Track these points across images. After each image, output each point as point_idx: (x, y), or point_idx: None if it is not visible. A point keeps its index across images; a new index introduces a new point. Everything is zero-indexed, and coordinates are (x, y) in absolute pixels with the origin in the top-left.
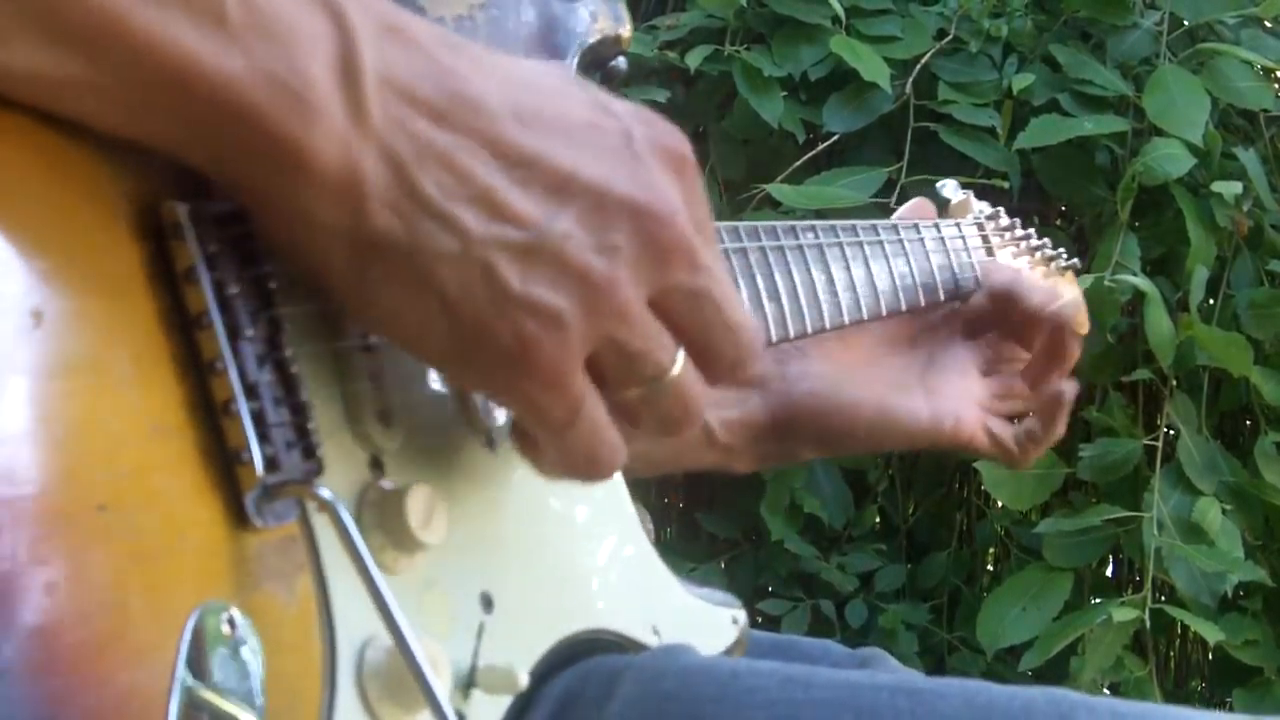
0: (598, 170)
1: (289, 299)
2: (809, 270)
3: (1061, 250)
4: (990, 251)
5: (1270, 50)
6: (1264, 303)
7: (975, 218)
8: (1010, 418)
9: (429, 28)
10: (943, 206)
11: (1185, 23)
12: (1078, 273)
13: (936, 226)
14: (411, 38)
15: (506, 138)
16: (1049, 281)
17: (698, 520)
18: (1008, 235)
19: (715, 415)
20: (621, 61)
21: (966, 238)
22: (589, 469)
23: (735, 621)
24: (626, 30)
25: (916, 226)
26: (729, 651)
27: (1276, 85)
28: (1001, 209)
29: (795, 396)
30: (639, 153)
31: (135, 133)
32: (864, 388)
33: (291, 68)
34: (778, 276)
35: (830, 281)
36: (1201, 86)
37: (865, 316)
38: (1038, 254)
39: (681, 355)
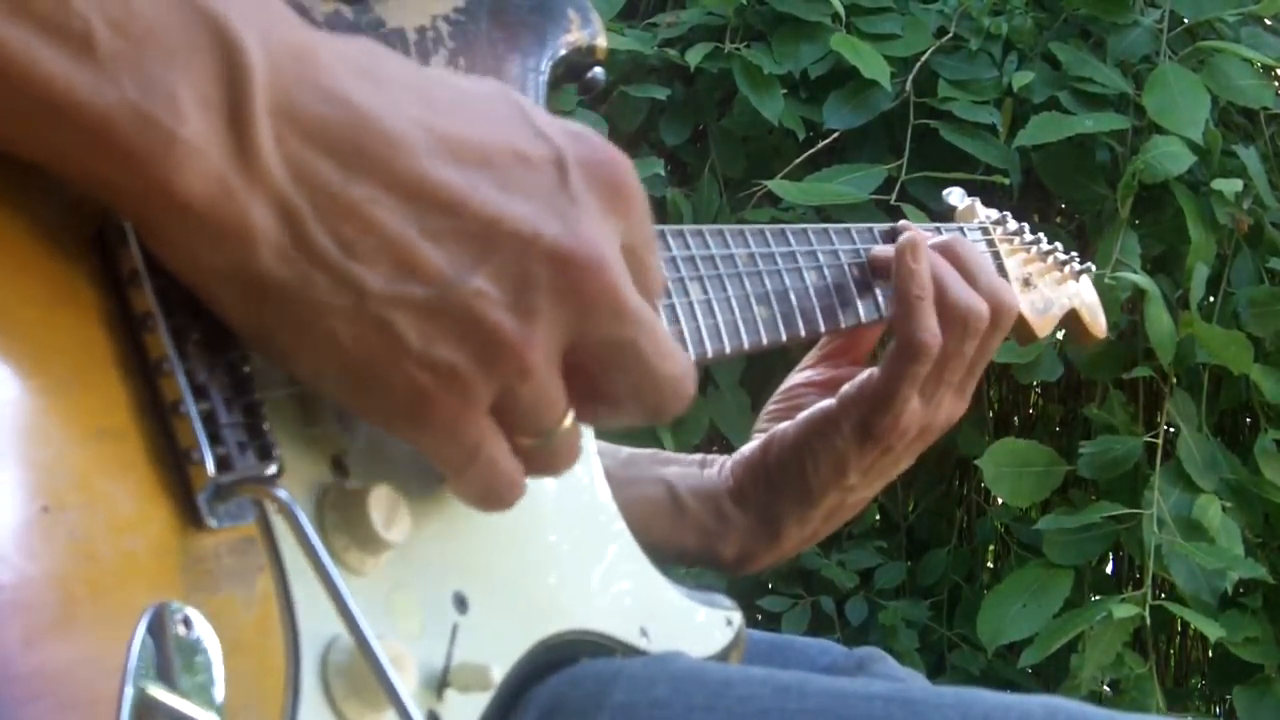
0: (524, 215)
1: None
2: (802, 275)
3: (1074, 254)
4: (997, 257)
5: (1270, 48)
6: (1264, 300)
7: (981, 223)
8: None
9: (343, 52)
10: (948, 214)
11: (1185, 21)
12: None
13: (939, 232)
14: (322, 67)
15: (427, 179)
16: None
17: None
18: (1016, 240)
19: (683, 480)
20: (599, 72)
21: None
22: (486, 503)
23: (730, 624)
24: (602, 40)
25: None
26: (726, 653)
27: (1276, 83)
28: (1008, 214)
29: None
30: (572, 188)
31: (17, 154)
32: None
33: (163, 103)
34: (767, 280)
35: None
36: (1201, 84)
37: (863, 320)
38: (1050, 258)
39: (570, 416)
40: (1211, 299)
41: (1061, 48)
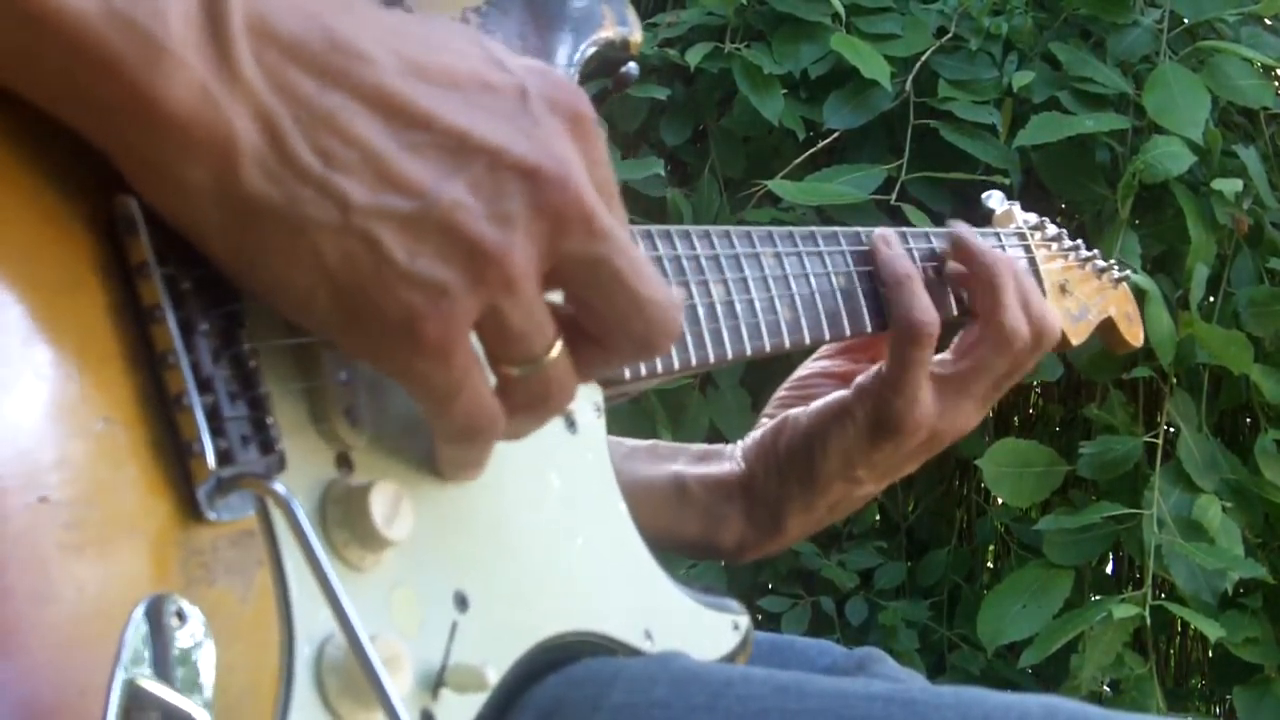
0: (492, 131)
1: (251, 294)
2: (829, 279)
3: (1114, 261)
4: (1033, 263)
5: (1270, 48)
6: (1264, 300)
7: (1018, 228)
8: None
9: None
10: (986, 217)
11: (1185, 20)
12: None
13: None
14: None
15: (398, 95)
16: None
17: None
18: (1054, 246)
19: (690, 470)
20: (633, 67)
21: (1007, 248)
22: (468, 440)
23: (737, 627)
24: (636, 35)
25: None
26: (731, 657)
27: (1277, 83)
28: (1047, 219)
29: (779, 423)
30: (534, 111)
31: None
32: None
33: (148, 11)
34: (792, 283)
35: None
36: (1202, 84)
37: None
38: (1088, 265)
39: (559, 345)
40: (1211, 299)
41: (1061, 48)
